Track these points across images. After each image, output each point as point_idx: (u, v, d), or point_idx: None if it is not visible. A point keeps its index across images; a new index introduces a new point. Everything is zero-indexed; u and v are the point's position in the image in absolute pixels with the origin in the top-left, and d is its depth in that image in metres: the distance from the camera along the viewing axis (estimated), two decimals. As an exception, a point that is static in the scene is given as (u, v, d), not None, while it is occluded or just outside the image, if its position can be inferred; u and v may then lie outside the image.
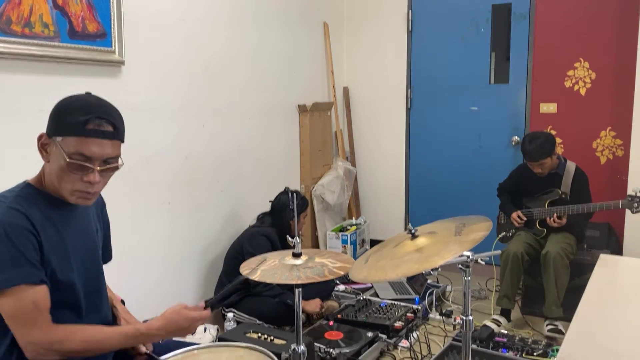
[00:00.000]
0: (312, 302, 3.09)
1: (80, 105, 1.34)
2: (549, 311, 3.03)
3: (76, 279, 1.43)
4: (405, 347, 2.85)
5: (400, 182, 4.60)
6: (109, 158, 1.37)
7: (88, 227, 1.52)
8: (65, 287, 1.39)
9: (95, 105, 1.35)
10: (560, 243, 3.09)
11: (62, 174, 1.34)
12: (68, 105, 1.35)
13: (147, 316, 2.79)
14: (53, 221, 1.39)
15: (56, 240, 1.38)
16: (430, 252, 1.45)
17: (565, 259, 3.03)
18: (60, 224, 1.41)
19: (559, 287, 3.01)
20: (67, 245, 1.41)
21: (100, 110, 1.34)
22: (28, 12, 2.20)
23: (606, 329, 1.61)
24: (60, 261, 1.38)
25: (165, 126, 2.95)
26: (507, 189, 3.50)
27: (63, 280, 1.38)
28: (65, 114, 1.33)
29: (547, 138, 3.14)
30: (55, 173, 1.35)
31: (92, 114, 1.32)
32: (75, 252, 1.44)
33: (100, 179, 1.36)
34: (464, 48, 4.23)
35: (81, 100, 1.36)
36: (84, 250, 1.49)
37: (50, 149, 1.36)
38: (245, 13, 3.49)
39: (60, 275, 1.37)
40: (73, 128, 1.31)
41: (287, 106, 3.99)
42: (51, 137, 1.34)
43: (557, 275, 3.00)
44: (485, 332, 2.75)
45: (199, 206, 3.22)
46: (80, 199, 1.38)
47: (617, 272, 2.23)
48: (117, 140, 1.38)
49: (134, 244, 2.77)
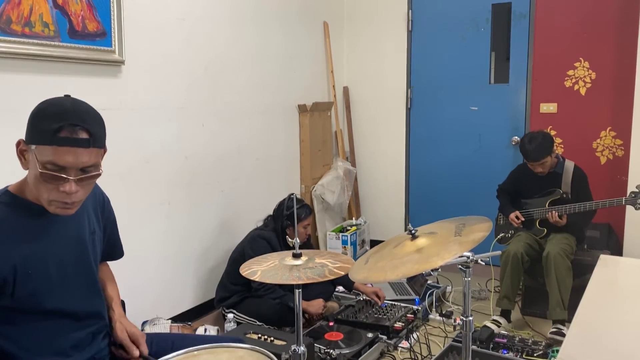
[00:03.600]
0: (314, 303, 3.05)
1: (54, 111, 1.26)
2: (553, 313, 2.99)
3: (59, 287, 1.40)
4: (405, 348, 2.84)
5: (400, 182, 4.60)
6: (86, 167, 1.29)
7: (79, 232, 1.49)
8: (43, 297, 1.37)
9: (69, 111, 1.26)
10: (561, 244, 3.08)
11: (38, 183, 1.28)
12: (42, 111, 1.27)
13: (146, 316, 2.79)
14: (27, 230, 1.35)
15: (28, 250, 1.34)
16: (430, 253, 1.44)
17: (567, 260, 3.02)
18: (38, 233, 1.37)
19: (561, 289, 2.98)
20: (46, 254, 1.37)
21: (74, 117, 1.26)
22: (28, 11, 2.20)
23: (606, 329, 1.60)
24: (35, 271, 1.34)
25: (165, 126, 2.95)
26: (506, 190, 3.50)
27: (38, 289, 1.36)
28: (38, 121, 1.26)
29: (546, 137, 3.15)
30: (32, 181, 1.30)
31: (64, 121, 1.24)
32: (60, 259, 1.41)
33: (77, 189, 1.29)
34: (464, 48, 4.22)
35: (55, 106, 1.27)
36: (73, 255, 1.46)
37: (28, 156, 1.29)
38: (245, 13, 3.49)
39: (34, 285, 1.34)
40: (45, 136, 1.23)
41: (287, 106, 3.99)
42: (27, 144, 1.28)
43: (559, 277, 2.98)
44: (485, 333, 2.74)
45: (199, 206, 3.21)
46: (59, 209, 1.31)
47: (617, 272, 2.23)
48: (93, 148, 1.29)
49: (134, 243, 2.76)
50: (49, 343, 1.41)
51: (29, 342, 1.38)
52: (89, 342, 1.51)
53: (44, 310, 1.38)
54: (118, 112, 2.66)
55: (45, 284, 1.38)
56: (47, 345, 1.41)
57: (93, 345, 1.52)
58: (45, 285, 1.37)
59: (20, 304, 1.34)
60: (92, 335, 1.52)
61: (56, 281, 1.40)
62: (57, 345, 1.43)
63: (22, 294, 1.33)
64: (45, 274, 1.37)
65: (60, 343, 1.44)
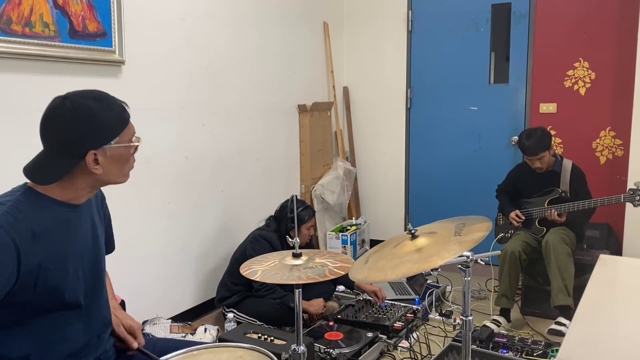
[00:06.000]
0: (314, 302, 3.05)
1: (105, 105, 1.40)
2: (556, 299, 2.94)
3: (74, 282, 1.42)
4: (405, 348, 2.84)
5: (400, 182, 4.60)
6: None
7: (93, 227, 1.52)
8: (60, 292, 1.38)
9: (111, 98, 1.43)
10: (559, 233, 3.09)
11: (126, 163, 1.46)
12: (99, 112, 1.37)
13: (146, 316, 2.79)
14: (51, 227, 1.37)
15: (53, 247, 1.36)
16: (430, 252, 1.45)
17: (567, 246, 3.01)
18: (61, 229, 1.39)
19: (563, 275, 2.94)
20: (66, 249, 1.40)
21: (114, 103, 1.43)
22: (28, 11, 2.20)
23: (606, 329, 1.60)
24: (56, 267, 1.36)
25: (166, 126, 2.95)
26: (505, 190, 3.50)
27: (57, 285, 1.37)
28: (105, 118, 1.38)
29: (544, 132, 3.18)
30: (114, 172, 1.43)
31: (117, 106, 1.42)
32: (77, 255, 1.43)
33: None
34: (464, 48, 4.23)
35: (100, 101, 1.40)
36: (89, 250, 1.48)
37: (103, 157, 1.39)
38: (245, 13, 3.49)
39: (53, 280, 1.36)
40: (121, 122, 1.42)
41: (287, 106, 3.99)
42: (99, 147, 1.38)
43: (559, 262, 2.97)
44: (485, 333, 2.75)
45: (199, 206, 3.21)
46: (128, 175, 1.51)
47: (617, 272, 2.22)
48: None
49: (134, 243, 2.77)
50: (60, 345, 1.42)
51: (41, 344, 1.39)
52: (95, 342, 1.52)
53: (57, 307, 1.39)
54: (118, 112, 2.65)
55: (63, 281, 1.39)
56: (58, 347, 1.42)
57: (99, 346, 1.53)
58: (62, 282, 1.39)
59: (40, 300, 1.35)
60: (97, 336, 1.53)
61: (72, 278, 1.42)
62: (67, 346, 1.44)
63: (43, 289, 1.34)
64: (64, 271, 1.40)
65: (70, 343, 1.44)
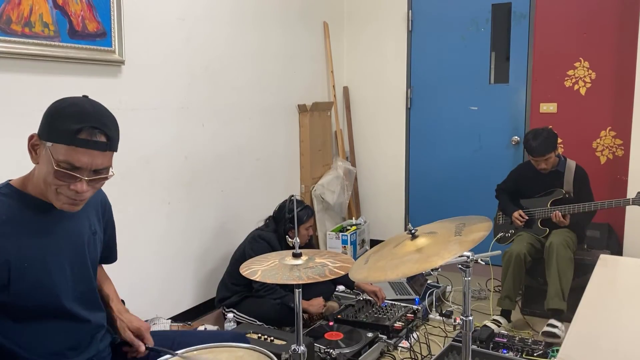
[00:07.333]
0: (314, 302, 3.05)
1: (75, 111, 1.28)
2: (551, 302, 2.95)
3: (59, 281, 1.40)
4: (405, 348, 2.84)
5: (400, 182, 4.60)
6: (99, 169, 1.32)
7: (80, 229, 1.49)
8: (39, 292, 1.37)
9: (90, 114, 1.30)
10: (564, 236, 3.09)
11: (49, 179, 1.30)
12: (62, 110, 1.29)
13: (146, 316, 2.79)
14: (27, 224, 1.35)
15: (26, 244, 1.34)
16: (430, 253, 1.44)
17: (569, 251, 3.01)
18: (38, 228, 1.37)
19: (562, 280, 2.95)
20: (44, 249, 1.37)
21: (94, 119, 1.29)
22: (28, 11, 2.20)
23: (606, 329, 1.60)
24: (31, 265, 1.34)
25: (165, 126, 2.95)
26: (506, 189, 3.49)
27: (39, 284, 1.36)
28: (58, 119, 1.28)
29: (550, 133, 3.16)
30: (42, 176, 1.31)
31: (85, 123, 1.27)
32: (58, 256, 1.41)
33: (88, 189, 1.32)
34: (464, 48, 4.22)
35: (76, 106, 1.30)
36: (72, 253, 1.45)
37: (40, 151, 1.31)
38: (245, 13, 3.49)
39: (32, 279, 1.34)
40: (64, 136, 1.26)
41: (287, 106, 3.99)
42: (42, 139, 1.30)
43: (560, 267, 2.96)
44: (485, 333, 2.74)
45: (199, 206, 3.21)
46: (66, 204, 1.34)
47: (617, 272, 2.22)
48: (109, 152, 1.33)
49: (134, 243, 2.77)
50: (46, 342, 1.41)
51: (27, 341, 1.38)
52: (87, 343, 1.50)
53: (41, 307, 1.38)
54: (118, 112, 2.61)
55: (43, 280, 1.37)
56: (44, 345, 1.41)
57: (92, 347, 1.52)
58: (42, 281, 1.37)
59: (18, 300, 1.33)
60: (90, 337, 1.52)
61: (55, 277, 1.40)
62: (55, 345, 1.43)
63: (18, 289, 1.32)
64: (44, 270, 1.37)
65: (58, 343, 1.43)
